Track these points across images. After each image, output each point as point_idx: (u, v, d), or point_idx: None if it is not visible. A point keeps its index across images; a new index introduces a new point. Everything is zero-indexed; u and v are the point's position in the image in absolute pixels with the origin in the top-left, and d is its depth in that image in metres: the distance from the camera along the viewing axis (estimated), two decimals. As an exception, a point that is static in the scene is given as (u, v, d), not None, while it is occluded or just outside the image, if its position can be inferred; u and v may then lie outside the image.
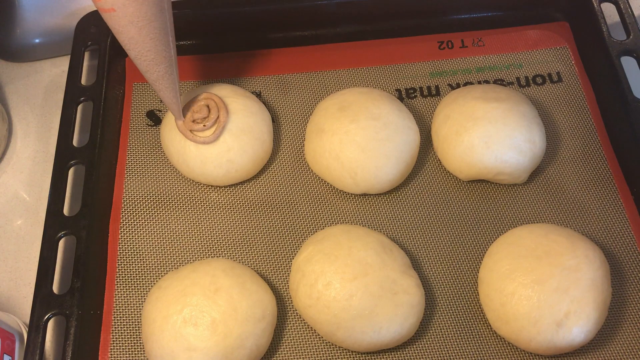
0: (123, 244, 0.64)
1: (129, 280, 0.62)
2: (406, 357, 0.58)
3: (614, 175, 0.67)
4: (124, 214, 0.65)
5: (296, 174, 0.68)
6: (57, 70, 0.81)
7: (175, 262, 0.63)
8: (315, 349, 0.59)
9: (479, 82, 0.73)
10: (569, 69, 0.74)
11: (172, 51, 0.58)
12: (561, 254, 0.57)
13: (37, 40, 0.79)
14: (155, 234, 0.65)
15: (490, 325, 0.59)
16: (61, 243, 0.61)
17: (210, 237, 0.65)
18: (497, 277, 0.57)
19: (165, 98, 0.62)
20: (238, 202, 0.67)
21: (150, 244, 0.64)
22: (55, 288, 0.59)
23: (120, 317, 0.60)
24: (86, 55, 0.73)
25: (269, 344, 0.58)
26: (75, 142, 0.67)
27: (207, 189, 0.67)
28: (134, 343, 0.59)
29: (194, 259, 0.63)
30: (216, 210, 0.66)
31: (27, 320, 0.59)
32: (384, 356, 0.58)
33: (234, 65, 0.75)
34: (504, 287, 0.56)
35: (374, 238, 0.59)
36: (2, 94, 0.79)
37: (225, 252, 0.64)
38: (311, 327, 0.59)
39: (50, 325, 0.62)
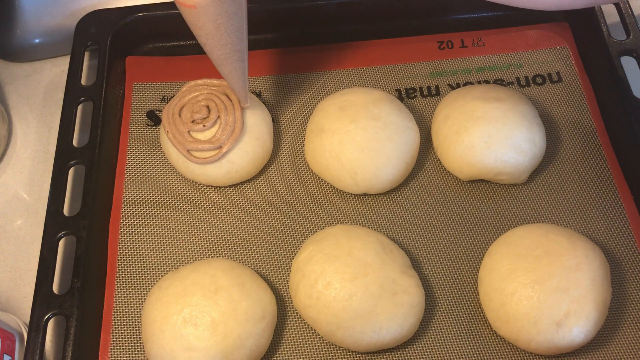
0: (123, 244, 0.64)
1: (129, 280, 0.62)
2: (406, 357, 0.58)
3: (614, 175, 0.67)
4: (124, 214, 0.65)
5: (296, 174, 0.68)
6: (57, 70, 0.81)
7: (175, 262, 0.63)
8: (315, 349, 0.59)
9: (479, 82, 0.73)
10: (569, 69, 0.74)
11: (244, 43, 0.58)
12: (561, 254, 0.57)
13: (37, 40, 0.79)
14: (155, 234, 0.65)
15: (490, 325, 0.59)
16: (61, 243, 0.61)
17: (210, 237, 0.65)
18: (497, 277, 0.57)
19: (235, 88, 0.62)
20: (238, 203, 0.67)
21: (150, 244, 0.64)
22: (55, 288, 0.59)
23: (120, 317, 0.60)
24: (86, 55, 0.73)
25: (269, 344, 0.58)
26: (75, 142, 0.67)
27: (207, 189, 0.67)
28: (134, 343, 0.59)
29: (194, 259, 0.63)
30: (216, 210, 0.66)
31: (27, 320, 0.59)
32: (384, 356, 0.58)
33: (234, 65, 0.75)
34: (504, 287, 0.56)
35: (374, 238, 0.59)
36: (2, 94, 0.79)
37: (225, 252, 0.64)
38: (311, 327, 0.59)
39: (50, 325, 0.62)
